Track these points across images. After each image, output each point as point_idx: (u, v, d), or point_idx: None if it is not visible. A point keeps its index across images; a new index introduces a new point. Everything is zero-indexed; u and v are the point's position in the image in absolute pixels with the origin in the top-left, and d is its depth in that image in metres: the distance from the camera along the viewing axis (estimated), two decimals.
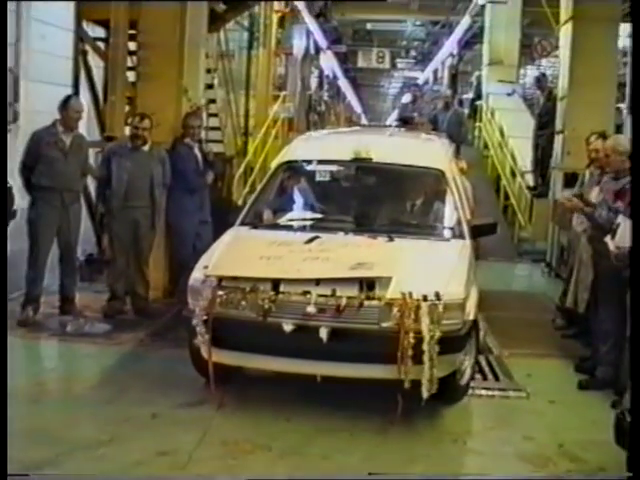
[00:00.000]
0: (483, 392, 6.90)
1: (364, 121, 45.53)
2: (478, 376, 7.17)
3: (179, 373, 6.76)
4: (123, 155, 8.73)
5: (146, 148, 8.79)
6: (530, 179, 15.61)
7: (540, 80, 15.89)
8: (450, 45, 27.47)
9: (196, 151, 9.46)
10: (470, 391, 6.66)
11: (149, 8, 9.54)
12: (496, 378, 7.34)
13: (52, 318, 8.47)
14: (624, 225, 6.18)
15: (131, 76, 10.20)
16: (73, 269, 8.82)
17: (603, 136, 8.20)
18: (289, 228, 7.24)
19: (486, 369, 7.51)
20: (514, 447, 5.79)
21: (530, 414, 6.56)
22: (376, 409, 6.05)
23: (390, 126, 16.75)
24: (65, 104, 8.45)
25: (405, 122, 17.04)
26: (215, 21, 11.93)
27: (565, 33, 11.80)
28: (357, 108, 48.04)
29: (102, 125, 10.13)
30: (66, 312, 8.51)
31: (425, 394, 5.74)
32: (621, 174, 6.92)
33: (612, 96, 11.30)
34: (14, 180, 10.01)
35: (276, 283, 5.99)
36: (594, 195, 7.66)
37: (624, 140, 7.13)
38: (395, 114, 35.12)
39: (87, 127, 10.43)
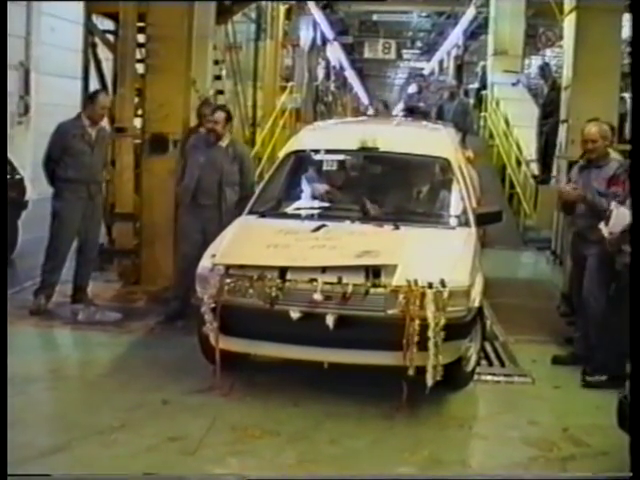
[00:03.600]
0: (489, 378, 6.95)
1: (370, 111, 45.47)
2: (484, 362, 7.21)
3: (189, 360, 6.80)
4: (199, 149, 8.37)
5: (223, 144, 8.34)
6: (535, 168, 15.62)
7: (544, 70, 15.86)
8: (455, 36, 27.52)
9: None
10: (476, 377, 6.70)
11: (157, 1, 9.61)
12: (502, 364, 7.40)
13: (64, 307, 8.51)
14: (616, 212, 6.26)
15: (140, 68, 10.23)
16: (91, 259, 8.82)
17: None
18: (296, 217, 7.28)
19: (492, 355, 7.57)
20: (519, 432, 5.82)
21: (535, 399, 6.61)
22: (383, 395, 6.09)
23: (396, 116, 16.81)
24: (93, 99, 8.56)
25: (411, 112, 17.08)
26: (223, 13, 11.95)
27: (569, 23, 11.77)
28: (364, 99, 47.97)
29: (112, 117, 10.20)
30: (78, 301, 8.53)
31: (430, 380, 5.79)
32: (602, 160, 7.08)
33: (616, 85, 11.27)
34: (25, 172, 10.18)
35: (283, 271, 6.02)
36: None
37: (605, 125, 7.27)
38: (401, 104, 35.13)
39: None
